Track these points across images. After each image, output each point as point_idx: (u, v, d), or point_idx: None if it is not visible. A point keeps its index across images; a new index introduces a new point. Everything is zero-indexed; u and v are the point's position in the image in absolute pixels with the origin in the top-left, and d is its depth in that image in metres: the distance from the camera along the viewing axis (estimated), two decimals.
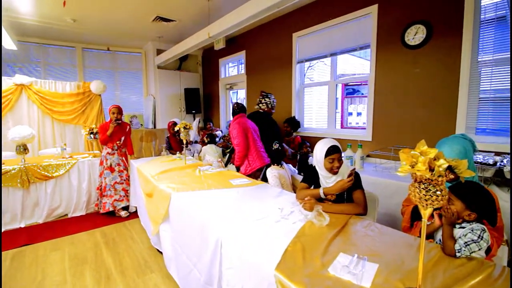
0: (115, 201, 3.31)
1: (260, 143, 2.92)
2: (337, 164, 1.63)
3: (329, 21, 3.42)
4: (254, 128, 2.94)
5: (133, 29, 5.08)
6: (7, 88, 3.98)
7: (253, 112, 3.31)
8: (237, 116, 2.92)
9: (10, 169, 2.98)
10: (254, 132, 2.91)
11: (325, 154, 1.64)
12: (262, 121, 3.12)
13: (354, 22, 3.18)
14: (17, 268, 2.28)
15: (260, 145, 2.91)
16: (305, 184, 1.92)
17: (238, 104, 2.96)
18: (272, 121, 3.28)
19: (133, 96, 6.49)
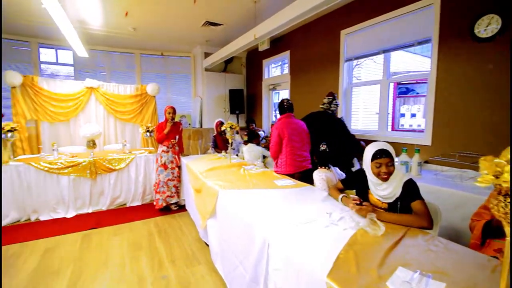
0: (168, 197, 3.49)
1: (303, 147, 2.74)
2: (384, 170, 1.51)
3: (382, 16, 3.20)
4: (301, 130, 2.76)
5: (184, 35, 5.42)
6: (80, 91, 4.57)
7: (320, 112, 3.09)
8: (283, 116, 2.81)
9: (81, 161, 3.42)
10: (298, 135, 2.72)
11: (371, 158, 1.55)
12: (333, 123, 2.94)
13: (412, 15, 2.93)
14: (86, 248, 2.61)
15: (298, 151, 2.71)
16: (341, 184, 1.84)
17: (288, 101, 2.81)
18: (343, 124, 3.10)
19: (182, 97, 6.93)
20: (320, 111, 3.08)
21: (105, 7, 4.02)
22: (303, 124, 2.81)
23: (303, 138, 2.77)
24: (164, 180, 3.48)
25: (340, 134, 2.88)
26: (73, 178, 3.35)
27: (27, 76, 4.23)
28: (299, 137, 2.74)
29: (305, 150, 2.77)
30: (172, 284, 2.05)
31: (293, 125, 2.75)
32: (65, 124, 4.49)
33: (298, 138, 2.73)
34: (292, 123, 2.76)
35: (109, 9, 4.13)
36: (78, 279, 2.12)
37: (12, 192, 3.11)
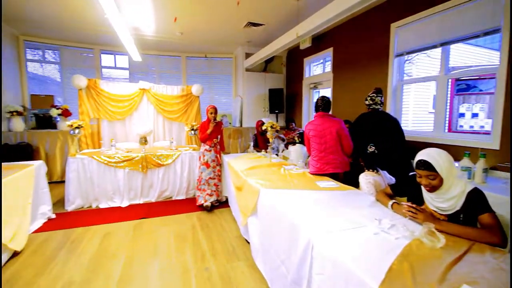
0: (207, 195, 3.56)
1: (326, 150, 2.59)
2: (424, 182, 1.38)
3: (440, 5, 2.89)
4: (325, 131, 2.60)
5: (226, 37, 5.59)
6: (134, 92, 5.01)
7: (371, 112, 2.78)
8: (317, 114, 2.72)
9: (135, 156, 3.74)
10: (319, 136, 2.61)
11: (415, 165, 1.42)
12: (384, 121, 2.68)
13: (477, 1, 2.59)
14: (137, 236, 2.85)
15: (318, 153, 2.61)
16: (390, 190, 1.70)
17: (323, 99, 2.69)
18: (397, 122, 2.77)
19: (223, 97, 7.17)
20: (371, 111, 2.79)
21: (157, 14, 4.34)
22: (332, 125, 2.59)
23: (327, 140, 2.59)
24: (206, 178, 3.56)
25: (393, 133, 2.62)
26: (127, 171, 3.69)
27: (91, 79, 4.77)
28: (321, 139, 2.61)
29: (330, 153, 2.59)
30: (214, 277, 2.13)
31: (317, 125, 2.65)
32: (121, 122, 4.97)
33: (318, 140, 2.63)
34: (316, 123, 2.67)
35: (160, 16, 4.45)
36: (131, 264, 2.33)
37: (78, 181, 3.54)
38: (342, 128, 2.60)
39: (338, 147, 2.60)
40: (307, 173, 2.64)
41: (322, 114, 2.68)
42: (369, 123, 2.68)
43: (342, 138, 2.60)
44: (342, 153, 2.63)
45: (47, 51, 5.81)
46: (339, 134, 2.59)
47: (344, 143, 2.61)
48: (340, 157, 2.62)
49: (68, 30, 5.11)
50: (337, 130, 2.58)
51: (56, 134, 4.88)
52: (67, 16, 4.46)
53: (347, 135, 2.62)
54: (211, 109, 3.52)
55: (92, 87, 4.72)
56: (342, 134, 2.59)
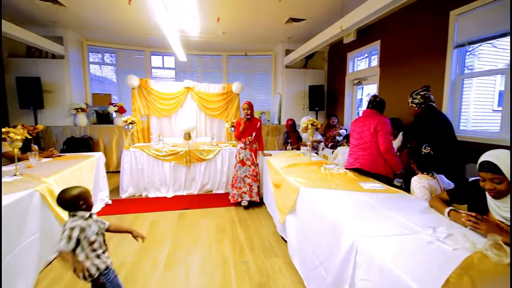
0: (243, 193, 3.49)
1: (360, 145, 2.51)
2: (488, 186, 1.23)
3: None
4: (364, 128, 2.49)
5: (266, 34, 5.60)
6: (179, 91, 5.31)
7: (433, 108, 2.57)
8: (364, 110, 2.64)
9: (179, 151, 3.98)
10: (358, 132, 2.55)
11: (478, 167, 1.26)
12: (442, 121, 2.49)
13: None
14: (181, 225, 3.04)
15: (354, 148, 2.58)
16: (446, 196, 1.53)
17: (376, 98, 2.57)
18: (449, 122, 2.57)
19: (262, 94, 7.22)
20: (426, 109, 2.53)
21: (201, 15, 4.52)
22: (372, 122, 2.44)
23: (363, 136, 2.50)
24: (241, 176, 3.52)
25: (449, 133, 2.40)
26: (173, 165, 3.95)
27: (142, 79, 5.18)
28: (359, 134, 2.55)
29: (361, 149, 2.51)
30: (252, 270, 2.17)
31: (360, 122, 2.58)
32: (168, 119, 5.33)
33: (356, 135, 2.58)
34: (360, 119, 2.60)
35: (204, 17, 4.63)
36: (175, 250, 2.50)
37: (130, 172, 3.90)
38: (381, 124, 2.41)
39: (373, 144, 2.44)
40: (350, 173, 2.52)
41: (368, 110, 2.58)
42: (425, 122, 2.45)
43: (378, 135, 2.42)
44: (376, 151, 2.43)
45: (106, 54, 6.48)
46: (376, 130, 2.42)
47: (379, 140, 2.41)
48: (371, 155, 2.44)
49: (123, 35, 5.62)
50: (375, 126, 2.42)
51: (113, 128, 5.44)
52: (123, 23, 4.91)
53: (385, 133, 2.41)
54: (244, 105, 3.46)
55: (143, 86, 5.13)
56: (379, 130, 2.41)
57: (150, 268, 2.21)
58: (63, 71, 5.33)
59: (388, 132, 2.42)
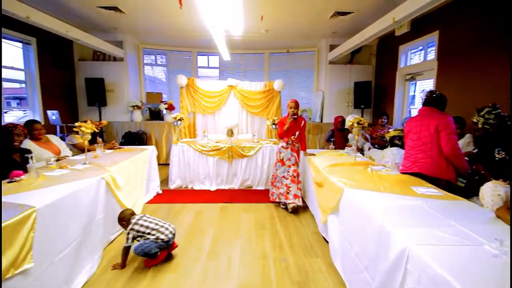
0: (280, 194, 3.39)
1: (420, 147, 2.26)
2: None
3: None
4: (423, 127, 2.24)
5: (310, 30, 5.47)
6: (223, 89, 5.51)
7: None
8: (420, 109, 2.41)
9: (222, 147, 4.15)
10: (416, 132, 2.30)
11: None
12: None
13: None
14: (223, 217, 3.17)
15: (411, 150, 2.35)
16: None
17: (432, 93, 2.34)
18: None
19: (303, 91, 7.10)
20: None
21: (245, 14, 4.61)
22: (432, 122, 2.19)
23: (421, 137, 2.27)
24: (280, 176, 3.40)
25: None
26: (216, 160, 4.14)
27: (190, 78, 5.50)
28: (417, 135, 2.31)
29: (420, 151, 2.28)
30: (291, 268, 2.18)
31: (416, 121, 2.36)
32: (211, 116, 5.58)
33: (414, 136, 2.34)
34: (416, 119, 2.39)
35: (248, 16, 4.71)
36: (218, 240, 2.62)
37: (178, 165, 4.19)
38: (443, 123, 2.15)
39: (434, 146, 2.19)
40: (400, 175, 2.35)
41: (425, 108, 2.34)
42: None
43: (440, 136, 2.16)
44: (438, 154, 2.18)
45: (158, 56, 7.02)
46: (438, 130, 2.16)
47: (442, 142, 2.15)
48: (432, 158, 2.20)
49: (173, 37, 6.02)
50: (436, 125, 2.16)
51: (163, 124, 5.89)
52: (174, 26, 5.26)
53: (448, 133, 2.14)
54: (291, 103, 3.28)
55: (190, 85, 5.45)
56: (441, 131, 2.15)
57: (195, 255, 2.36)
58: (122, 72, 5.94)
59: (452, 132, 2.16)
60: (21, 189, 1.92)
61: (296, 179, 3.33)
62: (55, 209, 1.75)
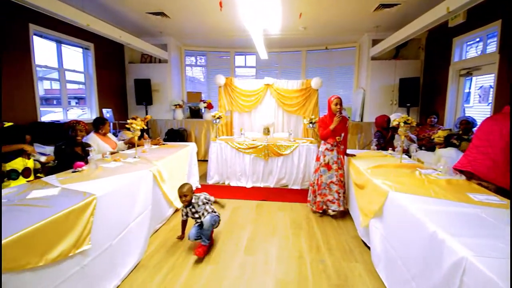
0: (328, 201, 3.06)
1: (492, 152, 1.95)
2: None
3: None
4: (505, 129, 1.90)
5: (351, 25, 5.24)
6: (260, 88, 5.55)
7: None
8: (505, 107, 2.12)
9: (259, 145, 4.19)
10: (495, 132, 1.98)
11: None
12: None
13: None
14: (259, 215, 3.21)
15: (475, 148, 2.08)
16: None
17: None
18: None
19: (341, 89, 6.84)
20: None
21: (284, 12, 4.58)
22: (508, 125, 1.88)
23: (490, 139, 1.99)
24: (326, 182, 3.05)
25: None
26: (252, 157, 4.20)
27: (228, 78, 5.64)
28: (487, 136, 2.05)
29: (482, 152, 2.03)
30: (330, 271, 2.12)
31: (491, 120, 2.11)
32: (248, 114, 5.66)
33: (484, 136, 2.08)
34: (492, 118, 2.16)
35: (286, 14, 4.67)
36: (255, 236, 2.67)
37: (216, 161, 4.34)
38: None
39: (498, 150, 1.91)
40: (455, 180, 2.14)
41: (508, 108, 2.05)
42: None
43: (502, 142, 1.88)
44: (502, 158, 1.88)
45: (198, 57, 7.33)
46: (500, 135, 1.90)
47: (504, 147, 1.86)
48: (493, 161, 1.93)
49: (213, 39, 6.23)
50: (505, 132, 1.88)
51: (202, 122, 6.15)
52: (213, 27, 5.44)
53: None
54: (335, 100, 2.94)
55: (228, 84, 5.59)
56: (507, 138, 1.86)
57: (233, 249, 2.44)
58: (166, 73, 6.32)
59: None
60: (82, 179, 2.17)
61: (342, 183, 3.07)
62: (112, 198, 1.95)
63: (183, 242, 2.52)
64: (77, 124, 2.81)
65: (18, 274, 1.24)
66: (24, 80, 3.94)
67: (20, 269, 1.25)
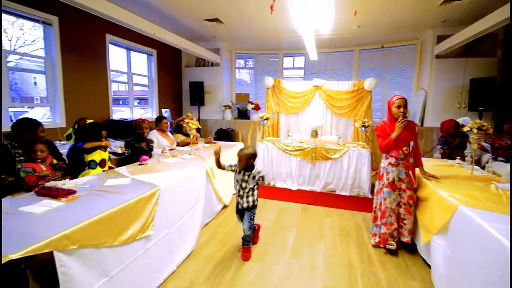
0: (395, 231, 2.38)
1: None
2: None
3: None
4: None
5: (412, 20, 4.81)
6: (308, 89, 5.47)
7: None
8: None
9: (306, 147, 4.13)
10: None
11: None
12: None
13: None
14: (305, 218, 3.16)
15: None
16: None
17: None
18: None
19: (398, 91, 6.31)
20: None
21: (337, 11, 4.43)
22: None
23: None
24: (391, 207, 2.36)
25: None
26: (299, 160, 4.16)
27: (276, 79, 5.68)
28: None
29: None
30: (383, 285, 1.99)
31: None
32: (295, 116, 5.62)
33: None
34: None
35: (340, 13, 4.51)
36: (301, 239, 2.64)
37: (263, 161, 4.41)
38: None
39: None
40: None
41: None
42: None
43: None
44: None
45: (247, 59, 7.54)
46: None
47: None
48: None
49: (262, 41, 6.34)
50: None
51: (249, 123, 6.31)
52: (264, 30, 5.53)
53: None
54: (398, 101, 2.30)
55: (276, 86, 5.63)
56: None
57: (279, 250, 2.45)
58: (217, 76, 6.65)
59: None
60: (147, 171, 2.42)
61: (412, 208, 2.36)
62: (171, 190, 2.13)
63: (230, 238, 2.61)
64: (143, 123, 3.15)
65: (99, 249, 1.45)
66: (102, 83, 4.55)
67: (100, 246, 1.46)
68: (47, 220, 1.39)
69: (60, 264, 1.23)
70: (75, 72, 4.01)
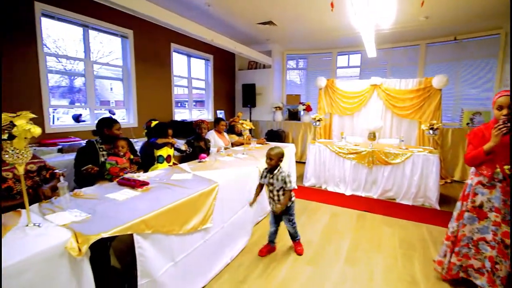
0: (470, 267, 1.87)
1: None
2: None
3: None
4: None
5: (493, 7, 4.13)
6: (365, 88, 5.14)
7: None
8: None
9: (362, 151, 3.88)
10: None
11: None
12: None
13: None
14: (361, 226, 2.97)
15: None
16: None
17: None
18: None
19: (474, 89, 5.50)
20: None
21: (401, 2, 4.06)
22: None
23: None
24: (473, 237, 1.85)
25: None
26: (354, 163, 3.93)
27: (329, 79, 5.49)
28: None
29: None
30: None
31: None
32: (349, 117, 5.35)
33: None
34: None
35: (404, 4, 4.12)
36: (356, 248, 2.49)
37: (314, 163, 4.31)
38: None
39: None
40: None
41: None
42: None
43: None
44: None
45: (298, 60, 7.46)
46: None
47: None
48: None
49: (315, 41, 6.21)
50: None
51: (300, 124, 6.24)
52: (318, 29, 5.40)
53: None
54: (501, 100, 1.68)
55: (329, 86, 5.44)
56: None
57: (333, 256, 2.36)
58: (269, 78, 6.75)
59: None
60: (206, 168, 2.59)
61: (506, 250, 1.73)
62: (227, 186, 2.24)
63: (282, 237, 2.61)
64: (202, 123, 3.39)
65: (168, 236, 1.61)
66: (166, 88, 5.05)
67: (169, 233, 1.61)
68: (127, 206, 1.61)
69: (138, 245, 1.40)
70: (145, 79, 4.54)
